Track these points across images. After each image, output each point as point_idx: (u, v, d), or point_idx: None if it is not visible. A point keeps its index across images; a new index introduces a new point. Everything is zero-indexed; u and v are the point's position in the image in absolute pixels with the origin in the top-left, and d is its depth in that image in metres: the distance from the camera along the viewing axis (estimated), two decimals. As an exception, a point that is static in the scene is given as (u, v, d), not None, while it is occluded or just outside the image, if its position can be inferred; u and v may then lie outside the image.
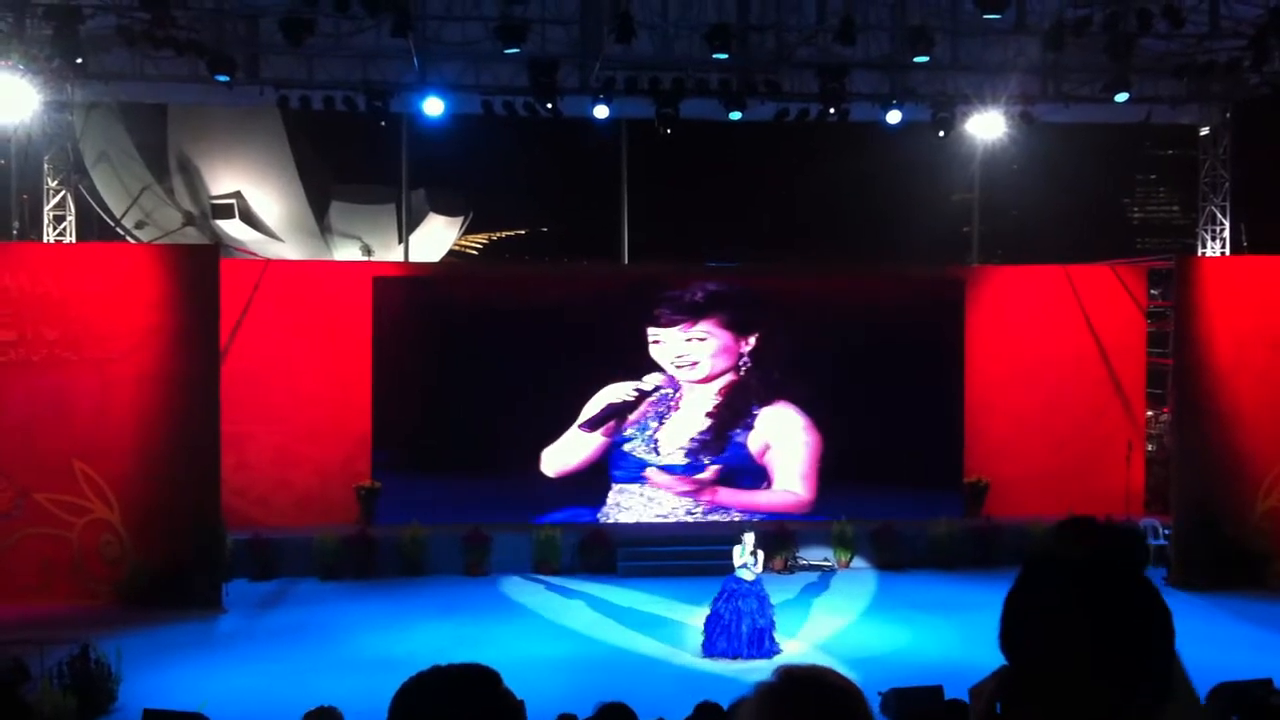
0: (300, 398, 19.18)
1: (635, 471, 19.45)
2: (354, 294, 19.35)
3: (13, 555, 16.09)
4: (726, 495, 19.58)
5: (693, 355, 19.43)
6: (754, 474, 19.70)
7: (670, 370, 19.41)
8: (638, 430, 19.37)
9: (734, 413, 19.51)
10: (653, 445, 19.44)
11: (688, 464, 19.45)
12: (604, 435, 19.31)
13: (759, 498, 19.65)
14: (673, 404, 19.44)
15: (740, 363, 19.53)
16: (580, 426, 19.18)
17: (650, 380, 19.32)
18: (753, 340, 19.54)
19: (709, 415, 19.46)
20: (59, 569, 16.21)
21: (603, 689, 9.13)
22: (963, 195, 25.74)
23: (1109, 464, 20.19)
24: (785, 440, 19.73)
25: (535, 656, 14.19)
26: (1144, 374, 20.87)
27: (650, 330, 19.42)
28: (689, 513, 19.49)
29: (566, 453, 19.36)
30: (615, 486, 19.43)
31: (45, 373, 16.21)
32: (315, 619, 15.83)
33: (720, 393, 19.50)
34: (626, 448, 19.42)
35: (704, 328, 19.49)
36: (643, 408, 19.32)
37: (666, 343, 19.45)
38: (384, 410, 19.22)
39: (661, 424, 19.41)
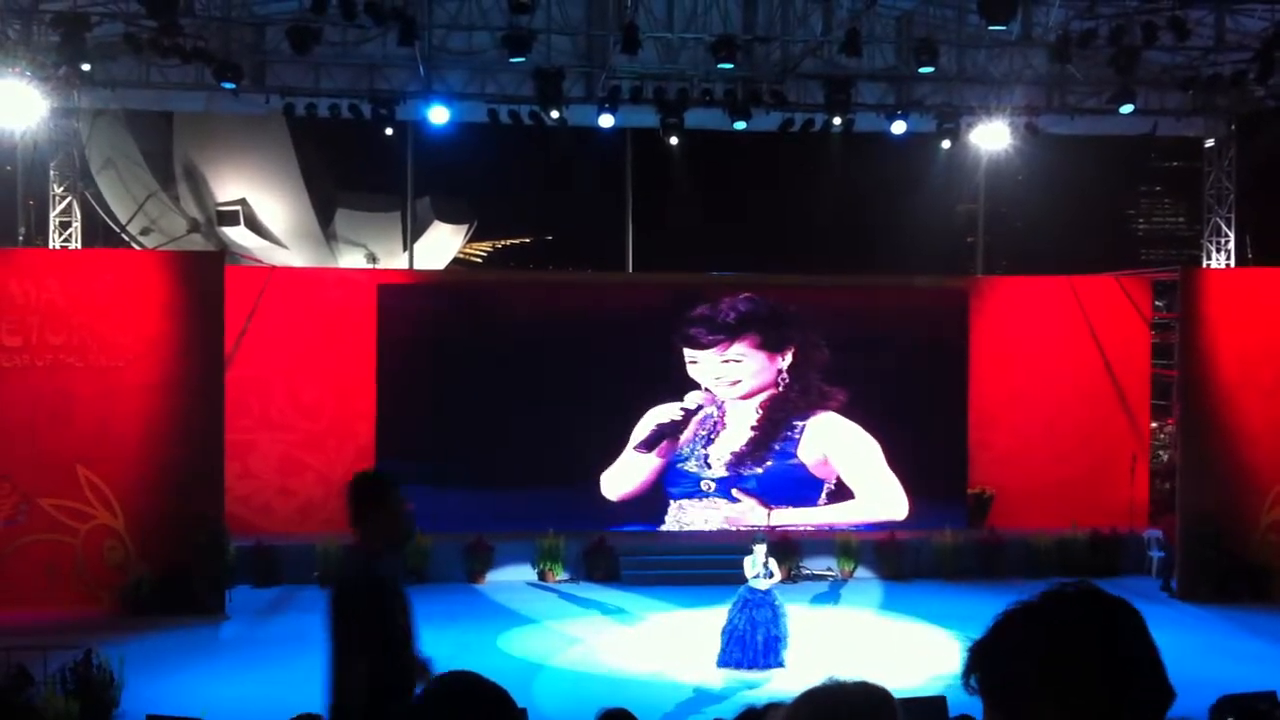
0: (304, 405, 19.20)
1: (692, 487, 19.47)
2: (358, 301, 19.37)
3: (16, 560, 16.11)
4: (828, 514, 19.56)
5: (733, 375, 19.45)
6: (809, 485, 19.63)
7: (711, 388, 19.40)
8: (690, 448, 19.40)
9: (775, 425, 19.49)
10: (704, 461, 19.46)
11: (729, 477, 19.44)
12: (659, 456, 19.32)
13: (856, 513, 19.62)
14: (719, 420, 19.46)
15: (780, 379, 19.53)
16: (636, 448, 19.20)
17: (692, 399, 19.32)
18: (789, 355, 19.54)
19: (753, 429, 19.45)
20: (62, 575, 16.22)
21: (605, 698, 9.13)
22: (967, 206, 25.76)
23: (1113, 476, 20.17)
24: (847, 449, 19.67)
25: (538, 665, 14.19)
26: (1148, 386, 20.84)
27: (687, 351, 19.43)
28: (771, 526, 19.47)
29: (625, 476, 19.38)
30: (674, 502, 19.44)
31: (50, 378, 16.23)
32: (317, 626, 15.75)
33: (761, 406, 19.50)
34: (680, 465, 19.45)
35: (739, 349, 19.46)
36: (693, 425, 19.33)
37: (702, 363, 19.45)
38: (388, 418, 19.21)
39: (711, 441, 19.45)
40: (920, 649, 14.94)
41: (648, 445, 19.25)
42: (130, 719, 11.60)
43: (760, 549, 13.69)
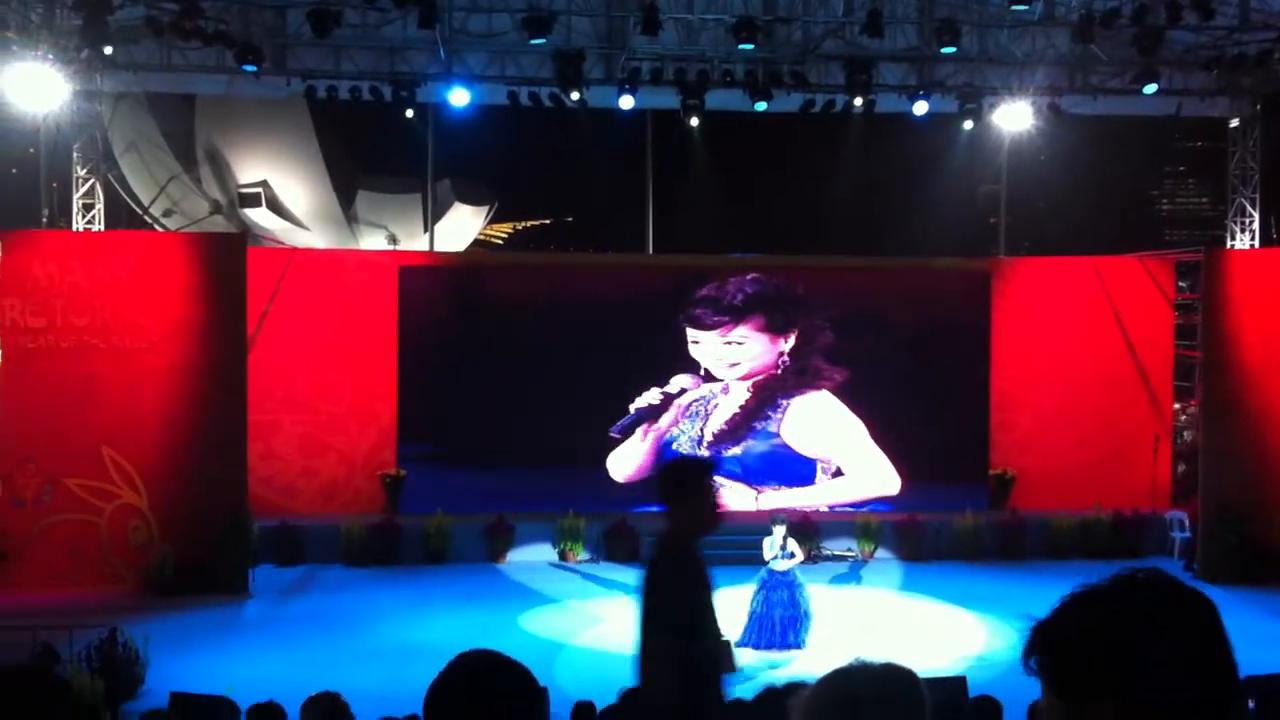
0: (326, 386, 19.28)
1: None
2: (380, 283, 19.43)
3: (42, 541, 16.25)
4: (819, 494, 19.55)
5: (732, 357, 19.43)
6: (801, 464, 19.61)
7: (711, 368, 19.40)
8: (686, 426, 19.37)
9: (760, 404, 19.49)
10: (698, 443, 19.45)
11: (712, 455, 19.42)
12: (641, 439, 19.31)
13: (848, 490, 19.59)
14: (715, 401, 19.44)
15: (780, 362, 19.52)
16: (612, 432, 19.22)
17: (676, 382, 19.32)
18: (792, 339, 19.51)
19: (739, 408, 19.45)
20: (87, 554, 16.36)
21: (626, 678, 9.17)
22: (990, 187, 25.63)
23: (1136, 457, 20.09)
24: (829, 427, 19.64)
25: (559, 645, 14.25)
26: (1171, 367, 20.73)
27: (690, 331, 19.41)
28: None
29: (625, 458, 19.40)
30: None
31: (74, 360, 16.34)
32: (340, 605, 15.93)
33: (754, 386, 19.49)
34: (675, 447, 19.44)
35: (742, 331, 19.45)
36: (671, 410, 19.33)
37: (704, 344, 19.43)
38: (409, 399, 19.29)
39: (706, 421, 19.44)
40: (941, 630, 14.95)
41: (623, 430, 19.25)
42: (155, 697, 11.70)
43: (779, 530, 13.69)
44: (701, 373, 19.45)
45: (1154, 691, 1.55)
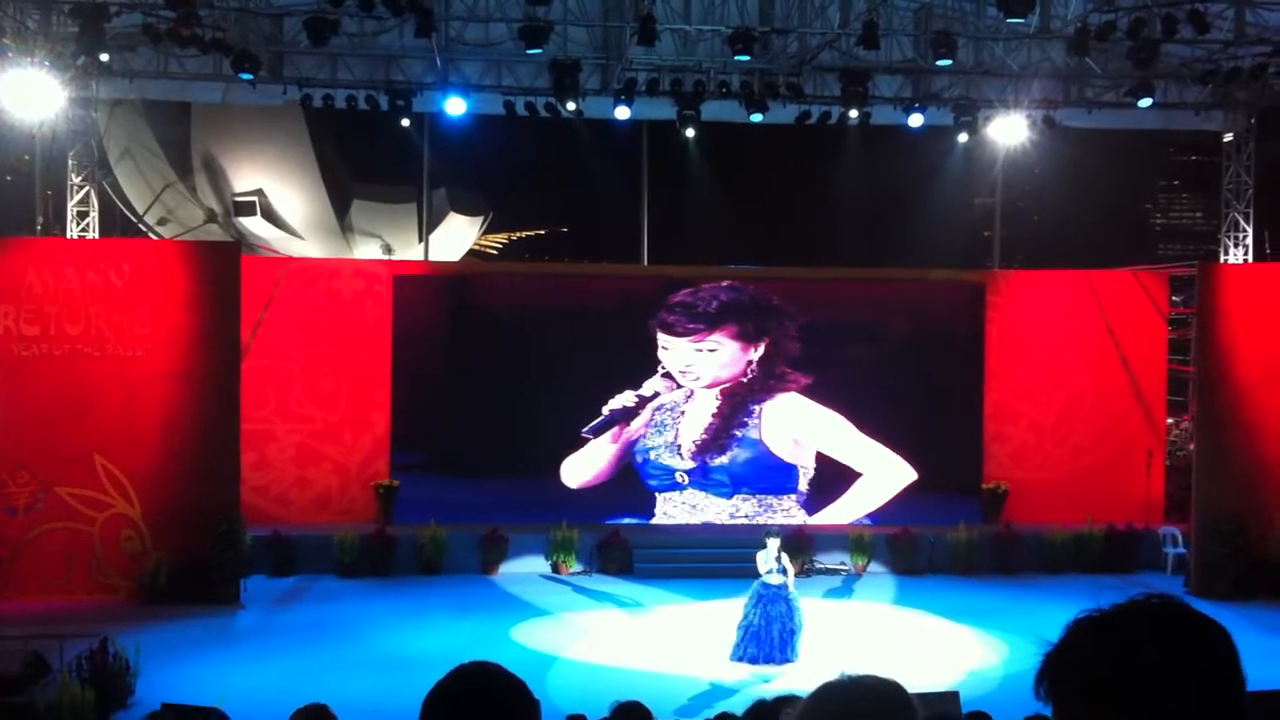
0: (320, 396, 19.26)
1: (669, 479, 19.40)
2: (374, 292, 19.42)
3: (34, 549, 16.19)
4: (855, 503, 19.50)
5: (699, 368, 19.31)
6: (783, 472, 19.54)
7: (677, 375, 19.33)
8: (655, 434, 19.30)
9: (734, 411, 19.40)
10: (675, 451, 19.38)
11: (697, 467, 19.40)
12: (612, 441, 19.24)
13: (877, 492, 19.53)
14: (680, 409, 19.36)
15: (749, 370, 19.43)
16: (584, 433, 19.16)
17: (650, 385, 19.25)
18: (762, 347, 19.43)
19: (712, 416, 19.36)
20: (79, 563, 16.30)
21: (618, 690, 9.14)
22: (984, 200, 25.68)
23: (1129, 472, 20.10)
24: (817, 427, 19.55)
25: (551, 658, 14.22)
26: (1165, 381, 20.76)
27: (661, 336, 19.33)
28: (734, 516, 19.36)
29: (583, 464, 19.33)
30: (660, 495, 19.41)
31: (67, 367, 16.31)
32: (333, 616, 15.88)
33: (723, 393, 19.42)
34: (652, 455, 19.35)
35: (715, 339, 19.39)
36: (646, 413, 19.25)
37: (674, 351, 19.34)
38: (403, 409, 19.27)
39: (677, 429, 19.35)
40: (935, 644, 14.92)
41: (596, 431, 19.17)
42: (145, 707, 11.64)
43: (773, 543, 13.65)
44: (665, 378, 19.37)
45: (1155, 714, 1.53)
